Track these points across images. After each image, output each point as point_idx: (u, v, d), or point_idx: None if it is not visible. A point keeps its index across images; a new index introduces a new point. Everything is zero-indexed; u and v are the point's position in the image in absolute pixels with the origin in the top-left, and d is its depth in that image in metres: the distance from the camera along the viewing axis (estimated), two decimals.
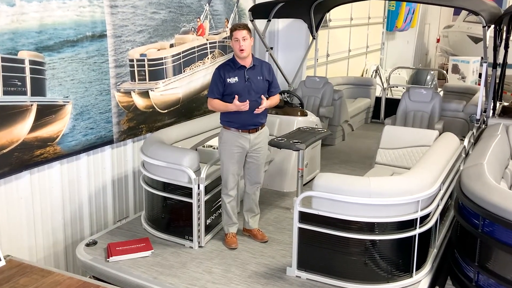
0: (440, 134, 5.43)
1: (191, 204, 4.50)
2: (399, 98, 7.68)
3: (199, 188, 4.46)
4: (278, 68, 7.95)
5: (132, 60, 5.47)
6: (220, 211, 4.82)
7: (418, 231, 3.92)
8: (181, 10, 6.10)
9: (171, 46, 6.01)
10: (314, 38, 8.40)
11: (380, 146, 5.66)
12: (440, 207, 4.30)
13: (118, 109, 5.35)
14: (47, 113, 4.58)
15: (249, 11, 7.16)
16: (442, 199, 4.34)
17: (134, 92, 5.55)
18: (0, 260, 3.63)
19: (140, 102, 5.64)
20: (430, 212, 4.07)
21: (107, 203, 5.46)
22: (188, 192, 4.51)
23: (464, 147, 5.37)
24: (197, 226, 4.54)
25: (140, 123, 5.69)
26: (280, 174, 5.96)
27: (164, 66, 5.91)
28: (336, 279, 3.95)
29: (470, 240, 3.89)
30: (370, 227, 3.82)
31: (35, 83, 4.45)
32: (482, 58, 6.17)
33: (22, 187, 4.51)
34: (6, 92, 4.21)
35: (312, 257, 4.03)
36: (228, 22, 7.04)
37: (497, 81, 6.69)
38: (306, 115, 6.30)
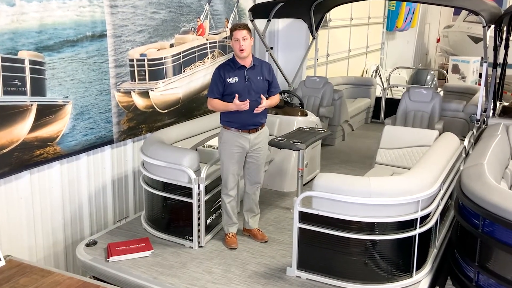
0: (440, 134, 5.42)
1: (191, 204, 4.50)
2: (399, 98, 7.67)
3: (199, 188, 4.46)
4: (278, 68, 7.94)
5: (132, 60, 5.47)
6: (220, 211, 4.81)
7: (418, 231, 3.91)
8: (181, 10, 6.10)
9: (171, 46, 6.01)
10: (314, 38, 8.39)
11: (380, 146, 5.66)
12: (440, 207, 4.30)
13: (118, 109, 5.35)
14: (47, 113, 4.58)
15: (249, 11, 7.15)
16: (442, 199, 4.33)
17: (134, 92, 5.55)
18: (0, 260, 3.62)
19: (140, 102, 5.64)
20: (430, 212, 4.07)
21: (107, 203, 5.45)
22: (188, 192, 4.51)
23: (464, 147, 5.37)
24: (197, 226, 4.54)
25: (140, 123, 5.68)
26: (280, 174, 5.95)
27: (164, 66, 5.91)
28: (336, 279, 3.95)
29: (470, 240, 3.89)
30: (370, 227, 3.82)
31: (35, 83, 4.44)
32: (482, 58, 6.18)
33: (22, 187, 4.51)
34: (6, 92, 4.21)
35: (312, 257, 4.02)
36: (228, 22, 7.04)
37: (497, 81, 6.69)
38: (306, 115, 6.30)
